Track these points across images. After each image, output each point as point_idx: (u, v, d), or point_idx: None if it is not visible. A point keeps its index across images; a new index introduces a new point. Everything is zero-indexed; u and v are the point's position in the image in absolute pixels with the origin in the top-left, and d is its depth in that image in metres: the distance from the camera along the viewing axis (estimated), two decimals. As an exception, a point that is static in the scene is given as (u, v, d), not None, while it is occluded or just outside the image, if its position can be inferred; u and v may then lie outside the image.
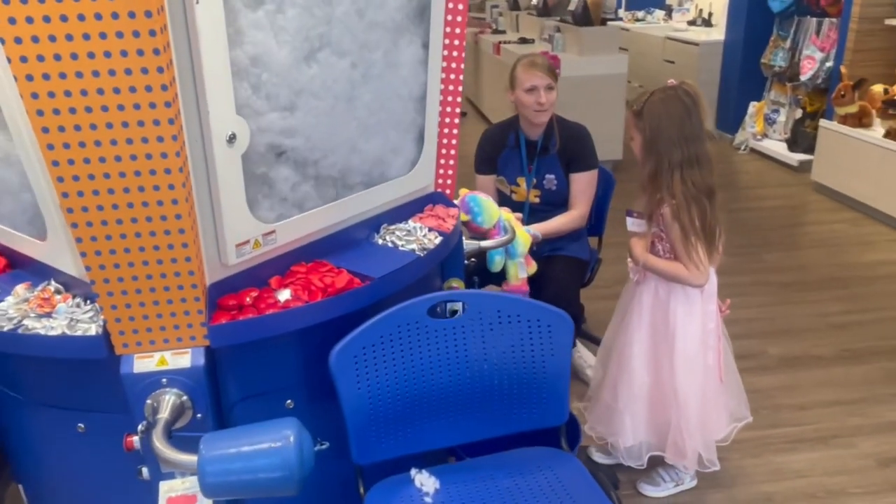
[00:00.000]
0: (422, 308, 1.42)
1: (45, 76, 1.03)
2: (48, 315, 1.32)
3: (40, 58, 1.02)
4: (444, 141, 1.78)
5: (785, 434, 2.29)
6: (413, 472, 1.44)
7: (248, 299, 1.33)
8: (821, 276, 3.47)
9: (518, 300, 1.48)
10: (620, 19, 7.96)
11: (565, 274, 2.39)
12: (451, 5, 1.62)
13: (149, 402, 1.27)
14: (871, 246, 3.84)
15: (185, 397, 1.28)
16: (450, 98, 1.73)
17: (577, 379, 2.54)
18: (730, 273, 3.50)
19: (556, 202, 2.50)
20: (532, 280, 2.42)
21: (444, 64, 1.68)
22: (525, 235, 2.13)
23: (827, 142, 4.56)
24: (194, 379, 1.28)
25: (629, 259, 1.92)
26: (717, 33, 6.33)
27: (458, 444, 1.50)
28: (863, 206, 4.27)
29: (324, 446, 1.23)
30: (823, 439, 2.27)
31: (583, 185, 2.46)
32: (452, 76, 1.71)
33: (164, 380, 1.27)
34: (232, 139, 1.21)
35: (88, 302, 1.34)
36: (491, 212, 2.03)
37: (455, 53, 1.70)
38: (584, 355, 2.62)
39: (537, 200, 2.49)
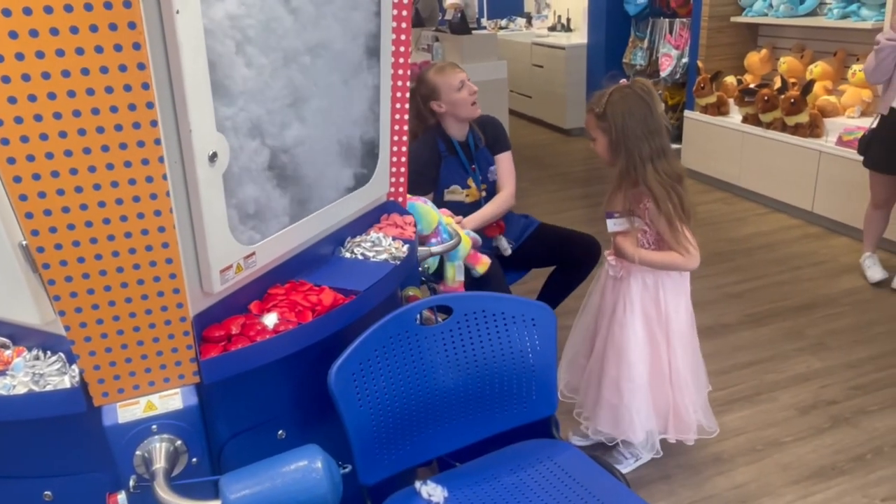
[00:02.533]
0: (411, 316, 1.40)
1: (11, 100, 0.91)
2: (2, 373, 1.16)
3: (6, 79, 0.90)
4: (395, 149, 1.76)
5: (716, 398, 2.47)
6: (417, 484, 1.41)
7: (234, 328, 1.25)
8: (708, 252, 3.77)
9: (501, 298, 1.50)
10: (485, 28, 8.23)
11: (561, 231, 2.59)
12: (395, 24, 1.63)
13: (138, 453, 1.15)
14: (743, 221, 4.24)
15: (178, 442, 1.18)
16: (398, 105, 1.72)
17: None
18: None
19: (496, 191, 2.57)
20: (542, 252, 2.57)
21: (393, 71, 1.67)
22: (466, 238, 2.16)
23: (692, 130, 4.99)
24: (188, 421, 1.18)
25: (610, 258, 1.98)
26: (578, 37, 6.73)
27: (458, 449, 1.48)
28: (730, 186, 4.71)
29: (346, 469, 1.18)
30: (749, 398, 2.48)
31: (506, 165, 2.57)
32: (399, 83, 1.70)
33: (154, 426, 1.16)
34: (213, 158, 1.13)
35: (48, 353, 1.20)
36: (429, 218, 2.03)
37: (402, 59, 1.69)
38: None
39: (485, 194, 2.54)
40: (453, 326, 1.45)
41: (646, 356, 1.93)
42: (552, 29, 7.50)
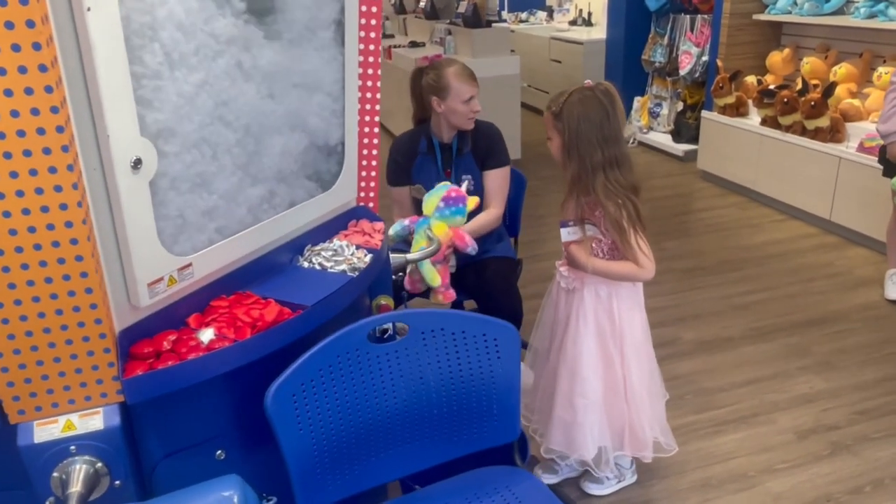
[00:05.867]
0: (361, 333, 1.32)
1: None
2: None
3: None
4: (365, 152, 1.68)
5: (710, 418, 2.36)
6: (366, 511, 1.33)
7: (165, 344, 1.18)
8: (717, 260, 3.65)
9: (462, 315, 1.41)
10: (504, 21, 8.10)
11: (503, 273, 2.35)
12: (363, 21, 1.53)
13: (55, 475, 1.09)
14: (757, 228, 4.08)
15: (99, 464, 1.11)
16: (368, 107, 1.63)
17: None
18: (637, 264, 3.61)
19: None
20: (469, 287, 2.36)
21: (361, 70, 1.58)
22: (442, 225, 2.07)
23: (709, 132, 4.82)
24: (109, 442, 1.11)
25: (561, 269, 1.88)
26: (598, 32, 6.57)
27: (408, 475, 1.40)
28: (746, 191, 4.54)
29: (270, 502, 1.10)
30: (745, 419, 2.36)
31: (498, 182, 2.43)
32: (370, 83, 1.62)
33: (73, 447, 1.10)
34: (137, 165, 1.05)
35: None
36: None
37: (371, 59, 1.60)
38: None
39: None
40: (409, 345, 1.37)
41: (599, 371, 1.83)
42: (573, 23, 7.35)
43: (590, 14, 7.19)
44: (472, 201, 2.06)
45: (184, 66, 1.12)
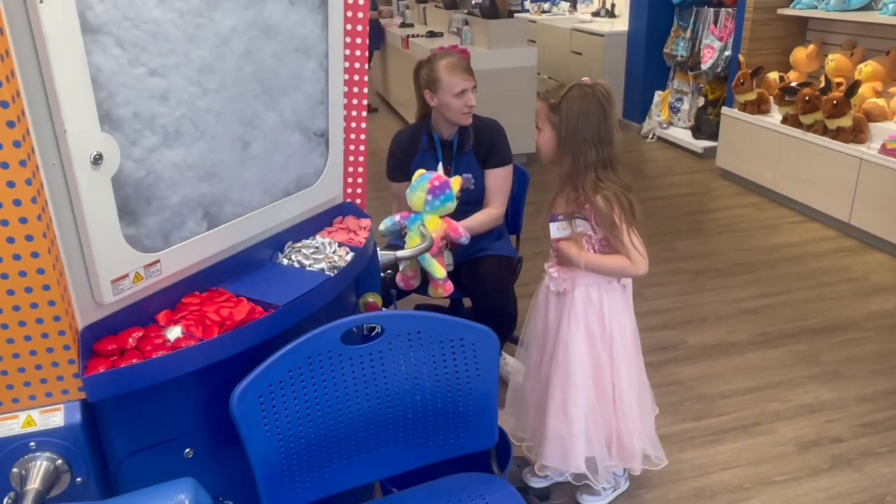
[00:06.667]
0: (334, 335, 1.29)
1: None
2: None
3: None
4: (352, 147, 1.65)
5: (709, 426, 2.31)
6: (334, 515, 1.31)
7: (130, 341, 1.16)
8: (730, 262, 3.56)
9: (438, 319, 1.38)
10: (527, 11, 7.99)
11: (497, 273, 2.31)
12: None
13: (15, 470, 1.09)
14: (774, 229, 3.98)
15: (59, 461, 1.10)
16: (355, 101, 1.60)
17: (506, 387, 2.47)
18: (646, 263, 3.54)
19: (473, 201, 2.41)
20: (463, 284, 2.33)
21: (347, 65, 1.54)
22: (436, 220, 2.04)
23: (729, 129, 4.71)
24: (70, 439, 1.10)
25: (551, 271, 1.83)
26: (621, 24, 6.45)
27: (384, 479, 1.37)
28: (764, 191, 4.43)
29: (227, 506, 1.08)
30: (745, 428, 2.30)
31: (499, 181, 2.39)
32: (356, 77, 1.58)
33: (33, 443, 1.09)
34: (98, 160, 1.03)
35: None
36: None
37: (358, 53, 1.56)
38: (509, 362, 2.55)
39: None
40: (383, 348, 1.34)
41: (590, 377, 1.77)
42: (596, 14, 7.21)
43: (613, 5, 7.06)
44: (456, 181, 2.03)
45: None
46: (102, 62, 1.04)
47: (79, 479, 1.12)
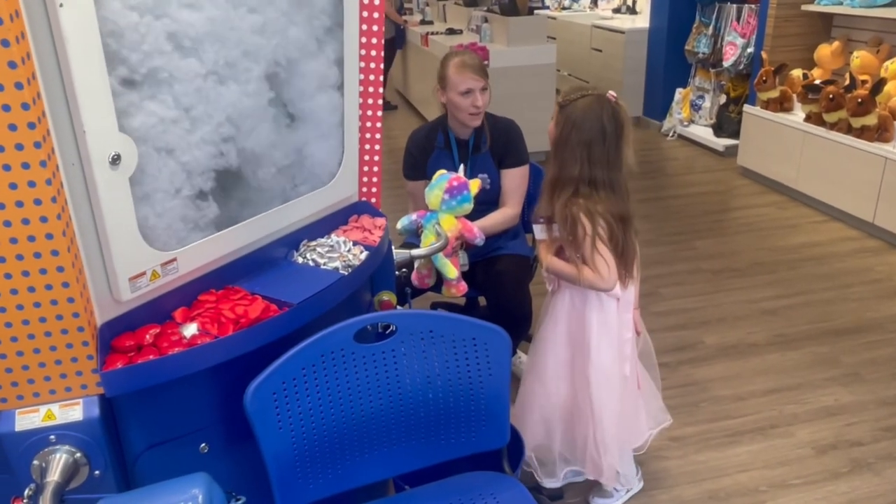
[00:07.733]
0: (347, 333, 1.30)
1: None
2: None
3: None
4: (367, 147, 1.66)
5: (725, 427, 2.29)
6: (346, 511, 1.33)
7: (147, 338, 1.18)
8: (750, 262, 3.52)
9: (451, 318, 1.38)
10: (547, 7, 7.96)
11: (512, 272, 2.31)
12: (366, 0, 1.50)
13: (36, 462, 1.12)
14: (795, 229, 3.93)
15: (78, 454, 1.13)
16: (370, 101, 1.61)
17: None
18: (665, 262, 3.52)
19: (490, 201, 2.41)
20: (479, 283, 2.33)
21: (363, 64, 1.55)
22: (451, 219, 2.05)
23: (751, 127, 4.65)
24: (88, 433, 1.13)
25: (544, 271, 1.84)
26: (642, 21, 6.39)
27: (396, 476, 1.39)
28: (786, 189, 4.38)
29: (240, 502, 1.10)
30: (762, 430, 2.28)
31: (515, 182, 2.39)
32: (372, 77, 1.59)
33: (53, 436, 1.11)
34: (116, 160, 1.05)
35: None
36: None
37: (374, 53, 1.57)
38: (524, 360, 2.55)
39: None
40: (396, 346, 1.35)
41: (567, 380, 1.77)
42: (617, 11, 7.16)
43: (634, 2, 7.00)
44: (475, 184, 2.03)
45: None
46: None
47: (97, 472, 1.15)
